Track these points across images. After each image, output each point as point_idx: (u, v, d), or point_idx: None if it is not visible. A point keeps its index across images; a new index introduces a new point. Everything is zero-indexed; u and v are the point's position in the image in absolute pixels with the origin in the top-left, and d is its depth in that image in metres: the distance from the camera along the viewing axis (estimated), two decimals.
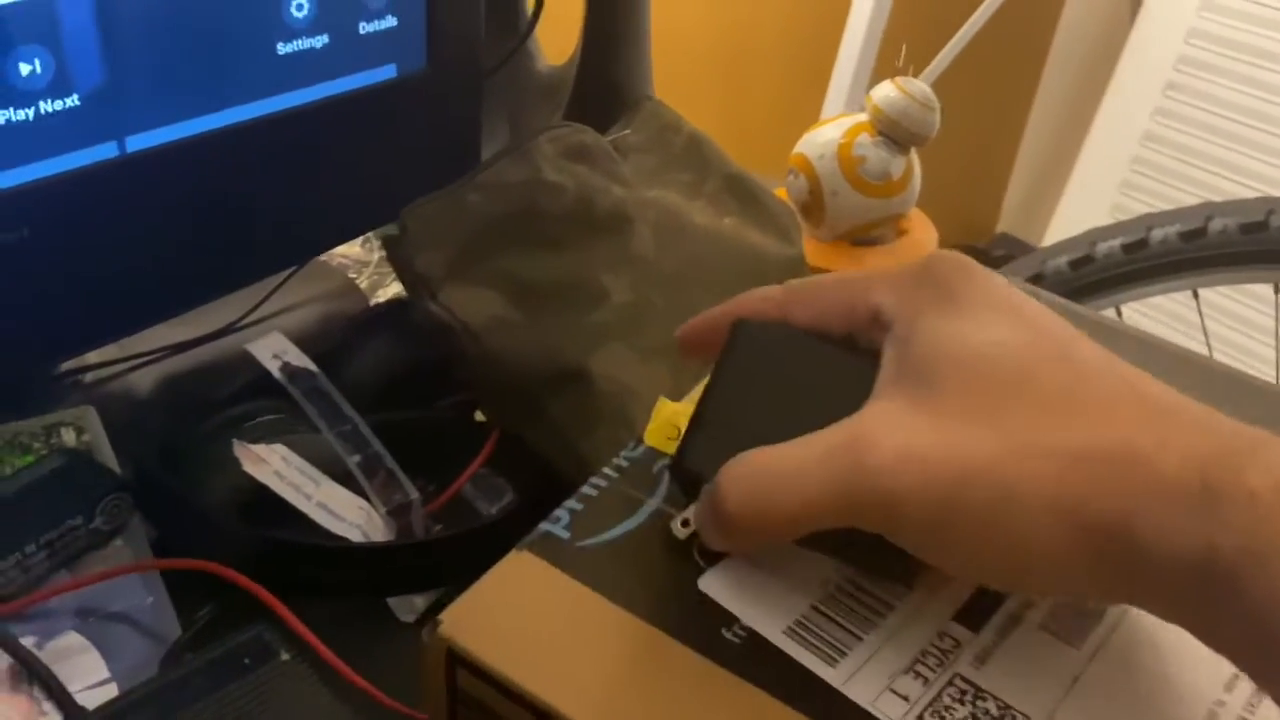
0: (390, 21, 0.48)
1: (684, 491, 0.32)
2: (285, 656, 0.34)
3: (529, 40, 0.64)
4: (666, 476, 0.34)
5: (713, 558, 0.31)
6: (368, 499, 0.40)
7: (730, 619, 0.29)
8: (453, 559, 0.41)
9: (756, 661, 0.28)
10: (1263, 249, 0.76)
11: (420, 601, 0.40)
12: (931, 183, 0.64)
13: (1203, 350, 0.95)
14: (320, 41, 0.46)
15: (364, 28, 0.47)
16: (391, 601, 0.40)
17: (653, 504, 0.33)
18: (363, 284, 0.59)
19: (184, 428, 0.42)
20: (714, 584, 0.30)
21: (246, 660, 0.34)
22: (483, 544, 0.42)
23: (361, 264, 0.60)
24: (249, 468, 0.38)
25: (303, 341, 0.49)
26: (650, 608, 0.29)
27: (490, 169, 0.43)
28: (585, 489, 0.34)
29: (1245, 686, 0.28)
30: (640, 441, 0.36)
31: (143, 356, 0.50)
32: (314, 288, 0.57)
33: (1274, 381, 1.08)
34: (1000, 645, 0.29)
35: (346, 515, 0.39)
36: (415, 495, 0.40)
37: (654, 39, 0.63)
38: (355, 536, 0.39)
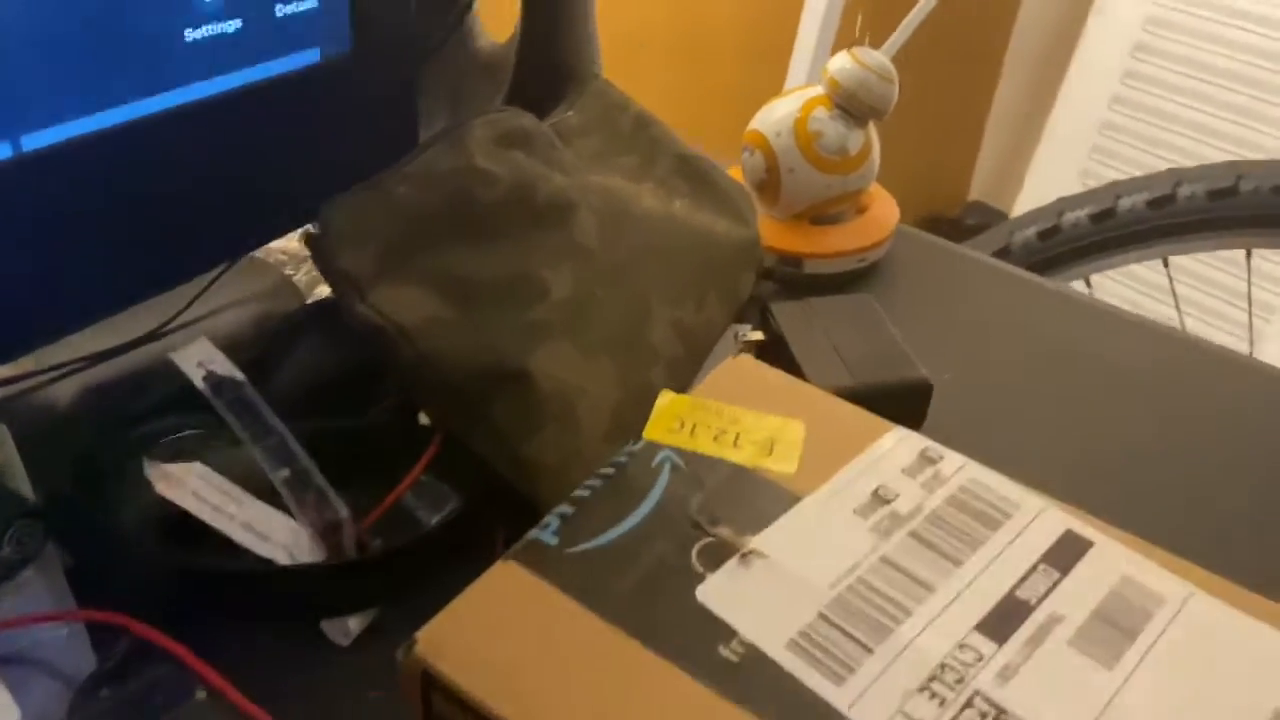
0: (310, 3, 0.45)
1: None
2: (201, 694, 0.31)
3: (469, 16, 0.61)
4: (668, 469, 0.33)
5: (712, 562, 0.29)
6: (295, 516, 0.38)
7: (729, 633, 0.27)
8: (387, 577, 0.39)
9: (755, 682, 0.26)
10: (1232, 215, 0.74)
11: (354, 624, 0.38)
12: (902, 154, 0.62)
13: (1173, 315, 0.94)
14: (233, 26, 0.43)
15: (281, 10, 0.44)
16: (325, 624, 0.38)
17: (654, 498, 0.31)
18: (300, 279, 0.56)
19: (99, 446, 0.39)
20: (713, 593, 0.29)
21: (159, 699, 0.32)
22: (420, 559, 0.40)
23: (298, 259, 0.57)
24: (163, 489, 0.36)
25: (234, 345, 0.46)
26: (642, 622, 0.27)
27: (419, 158, 0.41)
28: (579, 491, 0.32)
29: None
30: (640, 438, 0.34)
31: (61, 368, 0.47)
32: (247, 286, 0.54)
33: (1247, 345, 1.07)
34: (1027, 661, 0.27)
35: (272, 535, 0.37)
36: (345, 513, 0.38)
37: (609, 16, 0.61)
38: (282, 558, 0.36)
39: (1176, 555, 0.31)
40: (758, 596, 0.29)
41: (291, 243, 0.59)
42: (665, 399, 0.36)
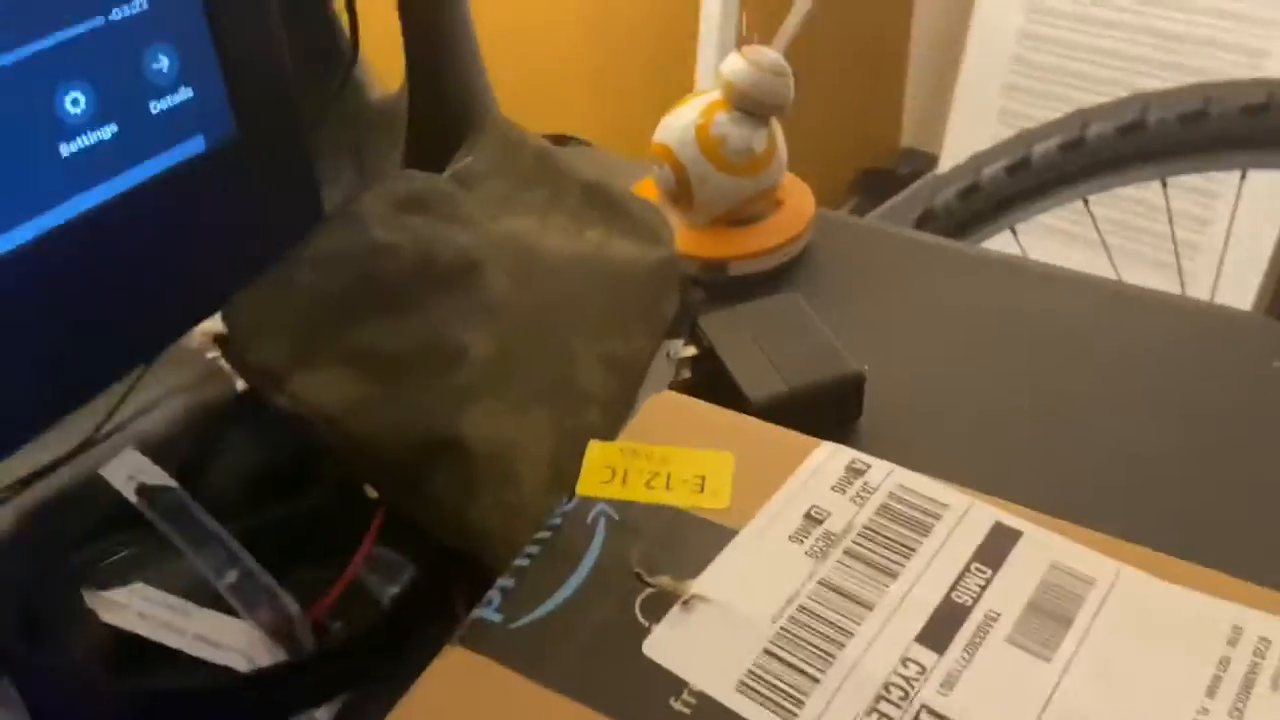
0: (185, 93, 0.44)
1: None
2: None
3: (359, 70, 0.60)
4: (604, 524, 0.33)
5: (655, 613, 0.29)
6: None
7: (679, 684, 0.28)
8: (350, 662, 0.39)
9: None
10: (1143, 148, 0.76)
11: (322, 715, 0.38)
12: (830, 112, 0.62)
13: (1098, 246, 0.95)
14: (109, 131, 0.42)
15: (156, 106, 0.43)
16: None
17: (592, 557, 0.32)
18: (225, 365, 0.55)
19: (37, 582, 0.39)
20: (659, 645, 0.29)
21: None
22: (381, 636, 0.40)
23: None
24: (107, 616, 0.36)
25: (168, 443, 0.46)
26: (594, 687, 0.28)
27: (316, 241, 0.40)
28: (518, 561, 0.32)
29: (1229, 690, 0.26)
30: (573, 495, 0.34)
31: None
32: (173, 379, 0.53)
33: (1173, 266, 1.09)
34: (968, 666, 0.27)
35: (227, 642, 0.37)
36: (295, 609, 0.38)
37: (517, 38, 0.60)
38: (240, 663, 0.36)
39: (1115, 515, 0.31)
40: (703, 642, 0.29)
41: (216, 323, 0.58)
42: (594, 450, 0.36)
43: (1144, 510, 0.33)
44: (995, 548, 0.31)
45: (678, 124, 0.59)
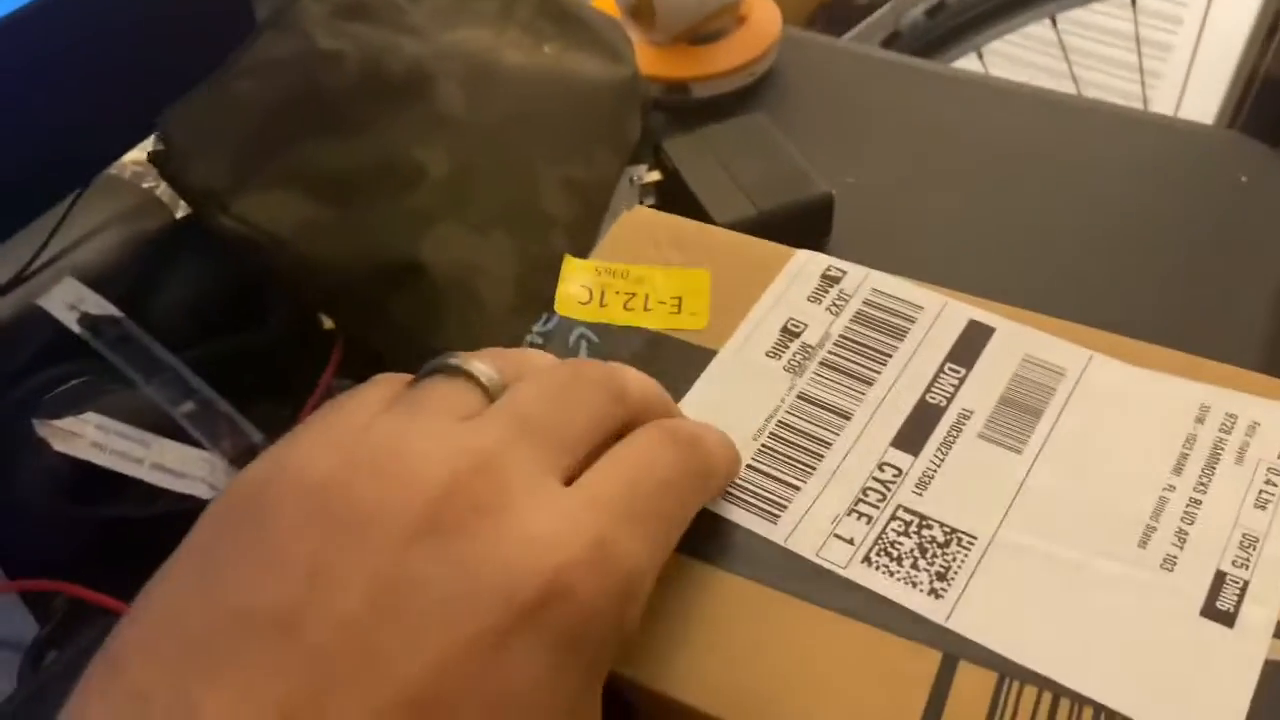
0: None
1: None
2: None
3: None
4: (585, 348, 0.32)
5: None
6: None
7: None
8: None
9: (698, 535, 0.26)
10: None
11: None
12: None
13: (1064, 70, 0.93)
14: None
15: None
16: None
17: None
18: (162, 193, 0.52)
19: None
20: None
21: None
22: None
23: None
24: (61, 445, 0.34)
25: (108, 276, 0.43)
26: None
27: (253, 49, 0.37)
28: None
29: (1193, 468, 0.27)
30: (552, 314, 0.33)
31: None
32: (108, 209, 0.50)
33: (1139, 88, 1.08)
34: (942, 466, 0.28)
35: (188, 471, 0.36)
36: (259, 436, 0.37)
37: None
38: (203, 492, 0.36)
39: (1083, 323, 0.31)
40: None
41: (144, 154, 0.54)
42: (570, 267, 0.35)
43: (1116, 310, 0.33)
44: (969, 346, 0.31)
45: None
